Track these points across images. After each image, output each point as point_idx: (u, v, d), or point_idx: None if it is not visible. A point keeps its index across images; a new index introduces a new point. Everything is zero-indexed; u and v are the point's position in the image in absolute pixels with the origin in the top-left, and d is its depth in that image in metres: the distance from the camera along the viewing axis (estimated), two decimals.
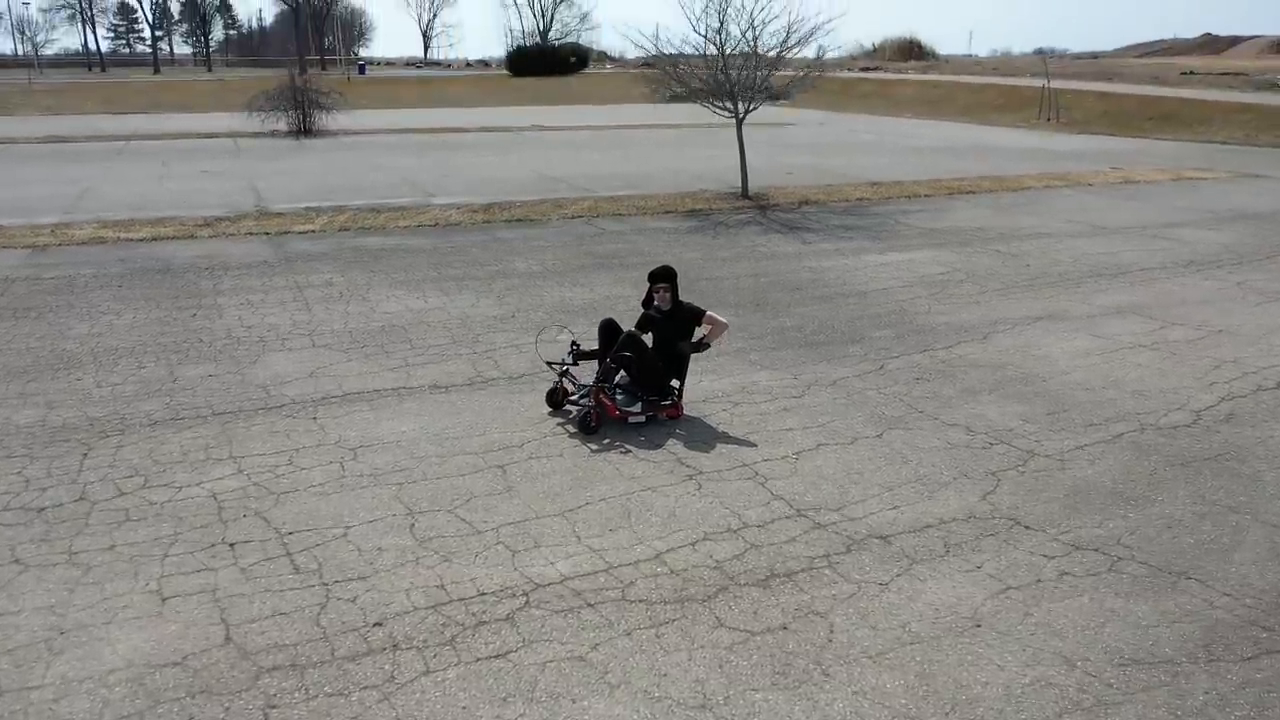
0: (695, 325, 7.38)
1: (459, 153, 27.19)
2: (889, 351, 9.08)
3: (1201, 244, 14.71)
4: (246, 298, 10.71)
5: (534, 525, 5.58)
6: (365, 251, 13.28)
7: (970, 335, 9.64)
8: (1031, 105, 44.41)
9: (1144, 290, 11.70)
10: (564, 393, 7.36)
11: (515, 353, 8.89)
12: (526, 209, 17.01)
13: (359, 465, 6.37)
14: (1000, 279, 12.14)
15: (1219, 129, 36.46)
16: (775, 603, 4.82)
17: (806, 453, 6.69)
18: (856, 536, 5.51)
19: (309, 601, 4.77)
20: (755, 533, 5.54)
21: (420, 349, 8.94)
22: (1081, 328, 9.98)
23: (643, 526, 5.59)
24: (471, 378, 8.18)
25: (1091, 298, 11.28)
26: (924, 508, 5.88)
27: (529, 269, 12.43)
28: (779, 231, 15.55)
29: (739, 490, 6.08)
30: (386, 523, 5.59)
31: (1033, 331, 9.82)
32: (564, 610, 4.72)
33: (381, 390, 7.81)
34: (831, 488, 6.14)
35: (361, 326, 9.62)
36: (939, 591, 4.94)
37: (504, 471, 6.30)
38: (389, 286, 11.30)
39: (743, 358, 8.82)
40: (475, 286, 11.42)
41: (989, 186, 20.91)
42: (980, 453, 6.73)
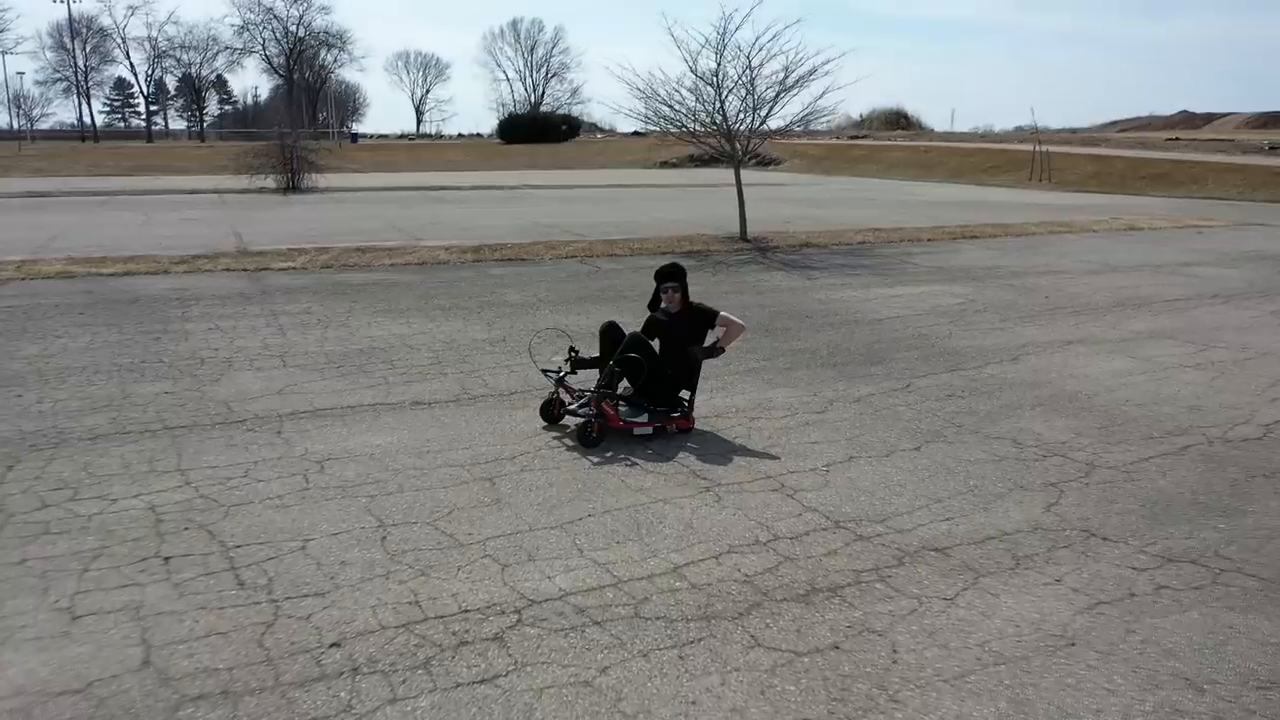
0: (708, 328, 6.63)
1: (448, 205, 26.68)
2: (914, 371, 8.32)
3: (1221, 280, 14.11)
4: (217, 323, 9.92)
5: (527, 538, 4.74)
6: (348, 285, 12.55)
7: (999, 357, 8.90)
8: (1022, 167, 44.45)
9: (1174, 318, 11.03)
10: (560, 405, 6.56)
11: (506, 372, 8.10)
12: (518, 249, 16.35)
13: (325, 478, 5.53)
14: (1020, 309, 11.46)
15: (1212, 187, 36.39)
16: (821, 619, 3.97)
17: (838, 465, 5.88)
18: (908, 549, 4.68)
19: (252, 620, 3.90)
20: (788, 545, 4.70)
21: (402, 368, 8.14)
22: (1117, 350, 9.26)
23: (655, 539, 4.75)
24: (457, 394, 7.38)
25: (1120, 324, 10.59)
26: (981, 519, 5.06)
27: (522, 300, 11.70)
28: (781, 269, 14.91)
29: (765, 502, 5.25)
30: (353, 535, 4.74)
31: (1065, 354, 9.09)
32: (565, 629, 3.87)
33: (356, 406, 6.99)
34: (871, 500, 5.32)
35: (339, 349, 8.82)
36: (1017, 607, 4.10)
37: (493, 484, 5.47)
38: (371, 314, 10.53)
39: (755, 376, 8.05)
40: (463, 314, 10.67)
41: (992, 232, 20.41)
42: (1034, 465, 5.93)
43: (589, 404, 6.26)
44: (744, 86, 17.95)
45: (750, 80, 17.78)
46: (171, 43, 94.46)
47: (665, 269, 6.67)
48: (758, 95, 17.88)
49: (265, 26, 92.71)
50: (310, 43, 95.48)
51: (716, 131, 18.21)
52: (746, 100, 17.99)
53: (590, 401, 6.24)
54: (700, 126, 18.19)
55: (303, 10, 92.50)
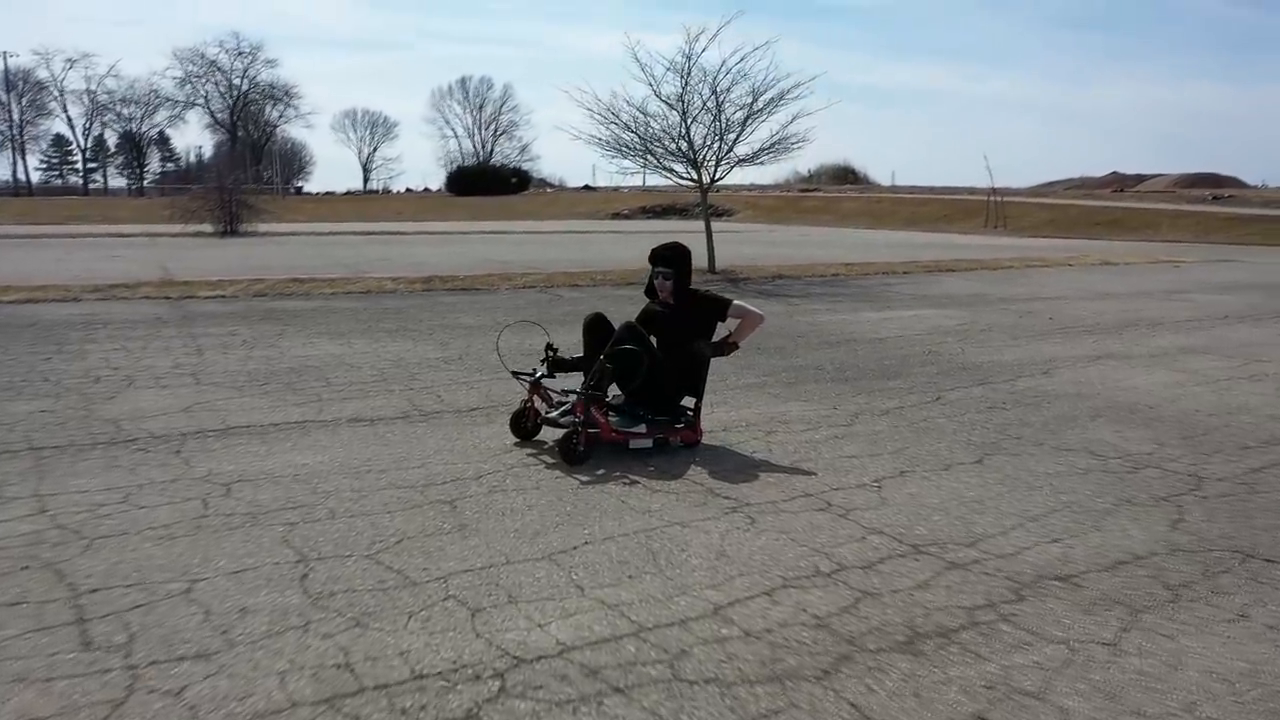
0: (717, 321, 5.44)
1: (396, 246, 25.34)
2: (939, 385, 7.20)
3: (1223, 304, 13.32)
4: (123, 344, 8.50)
5: (505, 572, 3.45)
6: (282, 311, 11.17)
7: (1027, 371, 7.83)
8: (976, 215, 44.44)
9: (1197, 336, 10.10)
10: (535, 415, 5.30)
11: (465, 388, 6.82)
12: (471, 280, 15.09)
13: (231, 502, 4.18)
14: (1027, 329, 10.46)
15: (1166, 231, 36.48)
16: (944, 677, 2.73)
17: (890, 480, 4.67)
18: (1022, 578, 3.46)
19: (94, 697, 2.55)
20: (861, 576, 3.46)
21: (339, 386, 6.81)
22: (1153, 364, 8.24)
23: (680, 571, 3.48)
24: (406, 410, 6.07)
25: (1142, 342, 9.63)
26: (1096, 540, 3.88)
27: (478, 323, 10.42)
28: (759, 297, 13.82)
29: (813, 524, 4.02)
30: (261, 573, 3.40)
31: (1100, 368, 8.05)
32: (571, 700, 2.58)
33: (281, 424, 5.65)
34: (948, 519, 4.11)
35: (265, 368, 7.46)
36: (1210, 653, 2.90)
37: (453, 507, 4.17)
38: (306, 336, 9.18)
39: (758, 390, 6.87)
40: (412, 336, 9.37)
41: (967, 266, 19.65)
42: (1128, 477, 4.79)
43: (573, 410, 5.00)
44: (709, 112, 17.06)
45: (717, 105, 16.89)
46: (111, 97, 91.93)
47: (661, 249, 5.48)
48: (725, 120, 16.98)
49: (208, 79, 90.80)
50: (255, 97, 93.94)
51: (682, 158, 17.23)
52: (713, 126, 17.08)
53: (575, 407, 4.98)
54: (665, 151, 17.19)
55: (247, 63, 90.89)
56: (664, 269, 5.37)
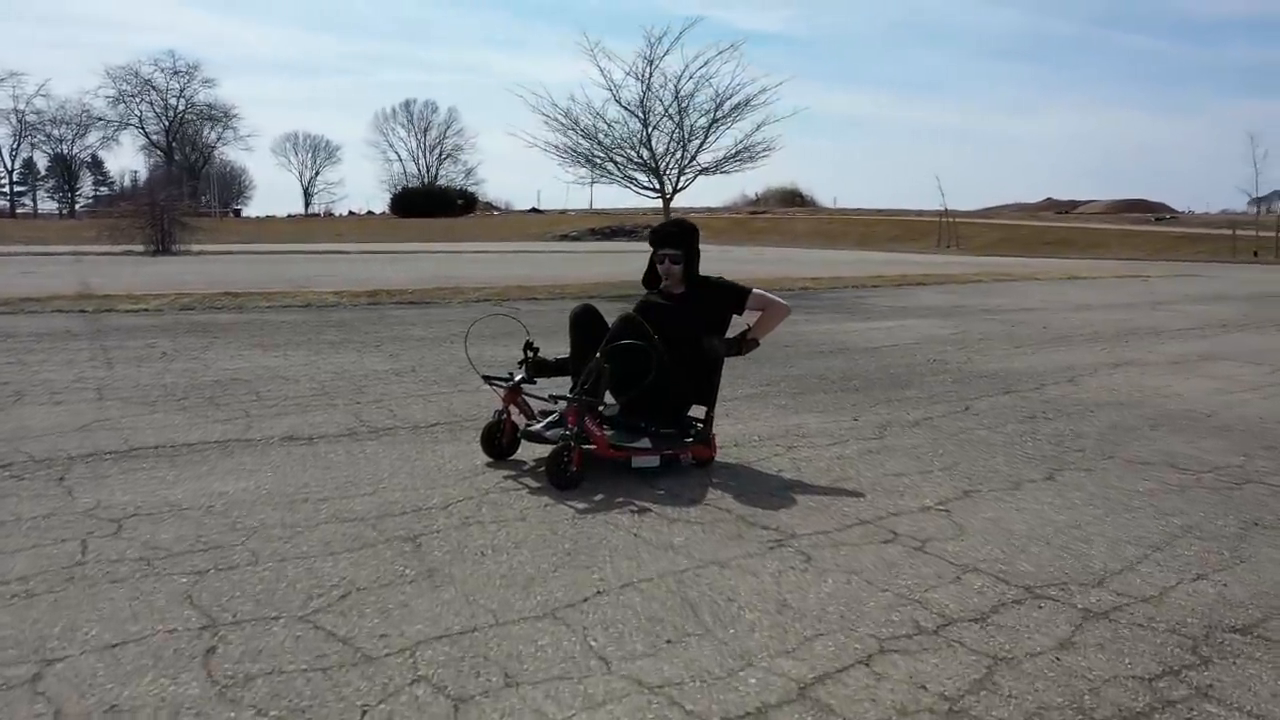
0: (731, 313, 4.53)
1: (340, 263, 24.12)
2: (961, 393, 6.39)
3: (1213, 314, 12.81)
4: (20, 358, 7.34)
5: (495, 639, 2.48)
6: (212, 325, 10.03)
7: (1051, 379, 7.06)
8: (928, 235, 44.43)
9: (1207, 343, 9.48)
10: (513, 429, 4.34)
11: (422, 402, 5.83)
12: (421, 294, 14.04)
13: (120, 544, 3.16)
14: (1024, 338, 9.75)
15: (1116, 249, 36.65)
16: None
17: (957, 502, 3.80)
18: (1189, 631, 2.60)
19: None
20: (979, 633, 2.56)
21: (271, 401, 5.78)
22: (1181, 371, 7.55)
23: (736, 631, 2.56)
24: (352, 427, 5.07)
25: (1155, 349, 8.96)
26: (1251, 575, 3.03)
27: (431, 335, 9.41)
28: None
29: (885, 559, 3.12)
30: (149, 647, 2.40)
31: (1126, 375, 7.32)
32: None
33: (198, 444, 4.61)
34: (1050, 550, 3.24)
35: (184, 382, 6.39)
36: None
37: (417, 546, 3.19)
38: (236, 349, 8.09)
39: (762, 401, 5.98)
40: (357, 347, 8.34)
41: (937, 280, 19.10)
42: (1235, 495, 3.99)
43: (563, 421, 4.05)
44: (671, 119, 16.28)
45: (679, 111, 16.13)
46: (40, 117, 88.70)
47: (666, 226, 4.59)
48: (688, 128, 16.22)
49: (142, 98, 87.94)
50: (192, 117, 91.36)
51: (644, 167, 16.41)
52: (675, 134, 16.30)
53: (566, 416, 4.02)
54: (624, 159, 16.36)
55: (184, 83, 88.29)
56: (670, 250, 4.46)
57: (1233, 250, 32.88)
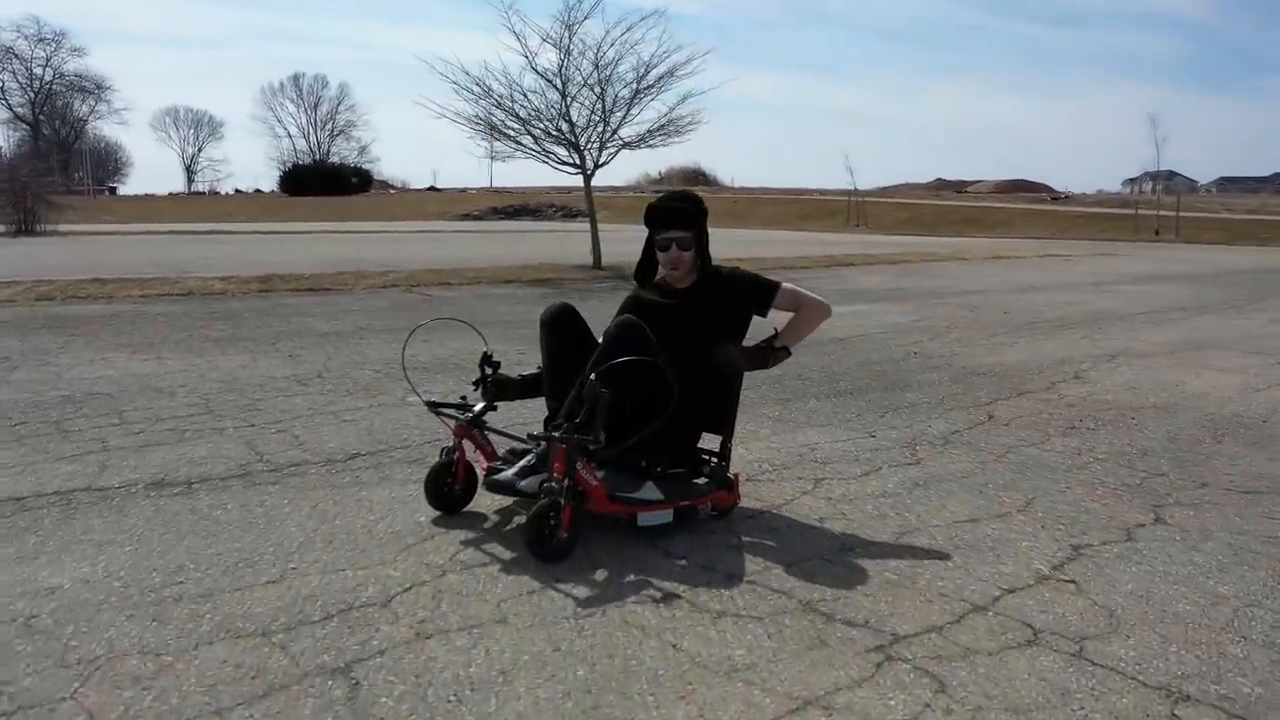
0: (754, 314, 3.49)
1: (226, 245, 22.20)
2: (970, 397, 5.53)
3: (1158, 296, 12.39)
4: None
5: None
6: (72, 318, 8.53)
7: (1056, 376, 6.28)
8: (837, 214, 44.28)
9: (1186, 329, 8.92)
10: (467, 473, 3.23)
11: (334, 422, 4.65)
12: (320, 280, 12.60)
13: None
14: (994, 325, 9.02)
15: (1022, 228, 37.00)
16: None
17: (1075, 566, 2.88)
18: None
19: None
20: None
21: (138, 424, 4.51)
22: (1188, 363, 6.87)
23: None
24: (246, 464, 3.87)
25: (1138, 336, 8.33)
26: None
27: (335, 329, 8.14)
28: None
29: (1050, 681, 2.15)
30: None
31: (1132, 369, 6.60)
32: None
33: (30, 498, 3.37)
34: (1255, 649, 2.32)
35: (27, 398, 5.06)
36: None
37: (352, 687, 2.08)
38: (97, 350, 6.70)
39: (752, 412, 4.98)
40: (249, 346, 7.03)
41: (865, 261, 18.47)
42: None
43: (549, 469, 2.93)
44: (592, 89, 15.13)
45: (599, 81, 14.98)
46: None
47: (669, 202, 3.50)
48: (609, 99, 15.09)
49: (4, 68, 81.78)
50: (60, 89, 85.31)
51: (563, 140, 15.23)
52: (596, 105, 15.15)
53: (553, 461, 2.91)
54: (542, 132, 15.13)
55: (50, 51, 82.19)
56: (678, 232, 3.39)
57: (1134, 229, 33.48)
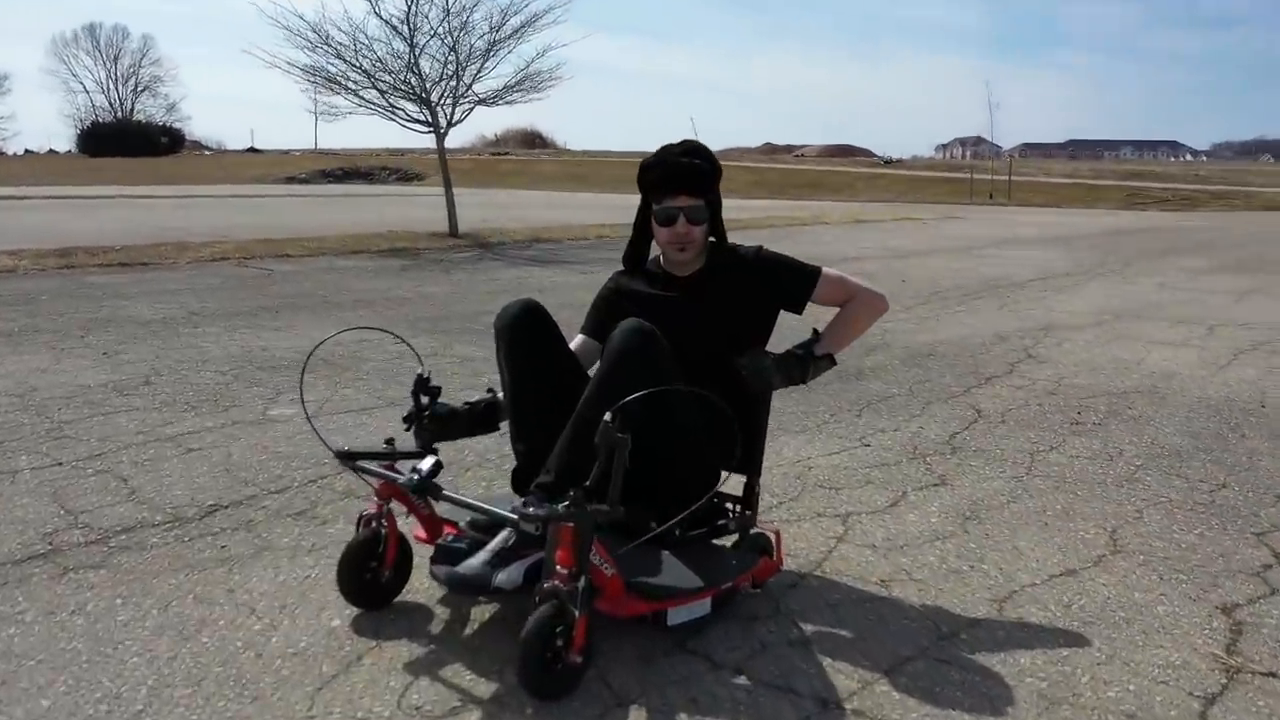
0: (785, 311, 2.58)
1: (16, 213, 19.46)
2: (935, 386, 4.88)
3: (1036, 260, 12.31)
4: None
5: None
6: None
7: (1007, 355, 5.74)
8: None
9: (1090, 296, 8.67)
10: (397, 549, 2.21)
11: (176, 455, 3.48)
12: (132, 253, 10.86)
13: None
14: (904, 297, 8.44)
15: (863, 191, 37.65)
16: None
17: (1250, 644, 2.15)
18: None
19: None
20: None
21: None
22: (1128, 337, 6.50)
23: None
24: (52, 533, 2.70)
25: (1053, 306, 7.99)
26: None
27: (161, 315, 6.74)
28: (539, 265, 10.96)
29: None
30: None
31: (1079, 345, 6.15)
32: None
33: None
34: None
35: None
36: None
37: None
38: None
39: None
40: (50, 340, 5.62)
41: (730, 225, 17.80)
42: None
43: (549, 559, 1.94)
44: (442, 39, 13.78)
45: (451, 30, 13.65)
46: None
47: (675, 158, 2.49)
48: (463, 51, 13.79)
49: None
50: None
51: (412, 95, 13.83)
52: (449, 58, 13.82)
53: (557, 545, 1.91)
54: (389, 86, 13.68)
55: None
56: (687, 199, 2.44)
57: (970, 193, 34.53)
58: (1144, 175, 45.55)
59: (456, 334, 6.21)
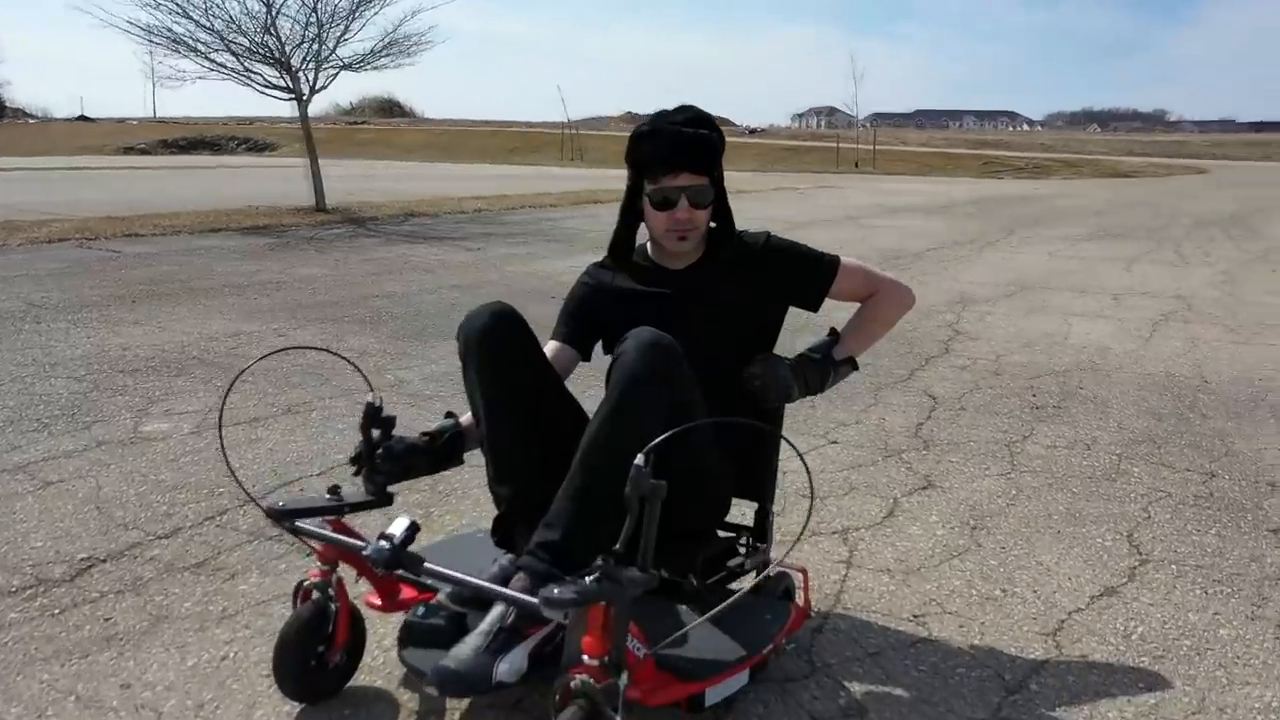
0: (797, 304, 2.19)
1: None
2: (881, 370, 4.63)
3: (926, 230, 12.42)
4: None
5: None
6: None
7: (935, 332, 5.59)
8: (549, 147, 43.18)
9: (988, 267, 8.69)
10: (349, 625, 1.74)
11: (28, 489, 2.86)
12: None
13: None
14: None
15: (735, 161, 37.61)
16: None
17: None
18: None
19: None
20: None
21: None
22: (1038, 307, 6.44)
23: None
24: None
25: (958, 277, 7.94)
26: None
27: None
28: (420, 242, 10.29)
29: None
30: None
31: (999, 320, 6.06)
32: None
33: None
34: None
35: None
36: None
37: None
38: None
39: None
40: None
41: (611, 196, 17.45)
42: None
43: (572, 643, 1.52)
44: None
45: None
46: None
47: (676, 128, 2.01)
48: (324, 12, 12.84)
49: None
50: None
51: (269, 58, 12.80)
52: (310, 19, 12.84)
53: (587, 628, 1.48)
54: (244, 49, 12.62)
55: None
56: (690, 177, 2.00)
57: (837, 162, 35.13)
58: (992, 144, 47.51)
59: (347, 324, 5.62)
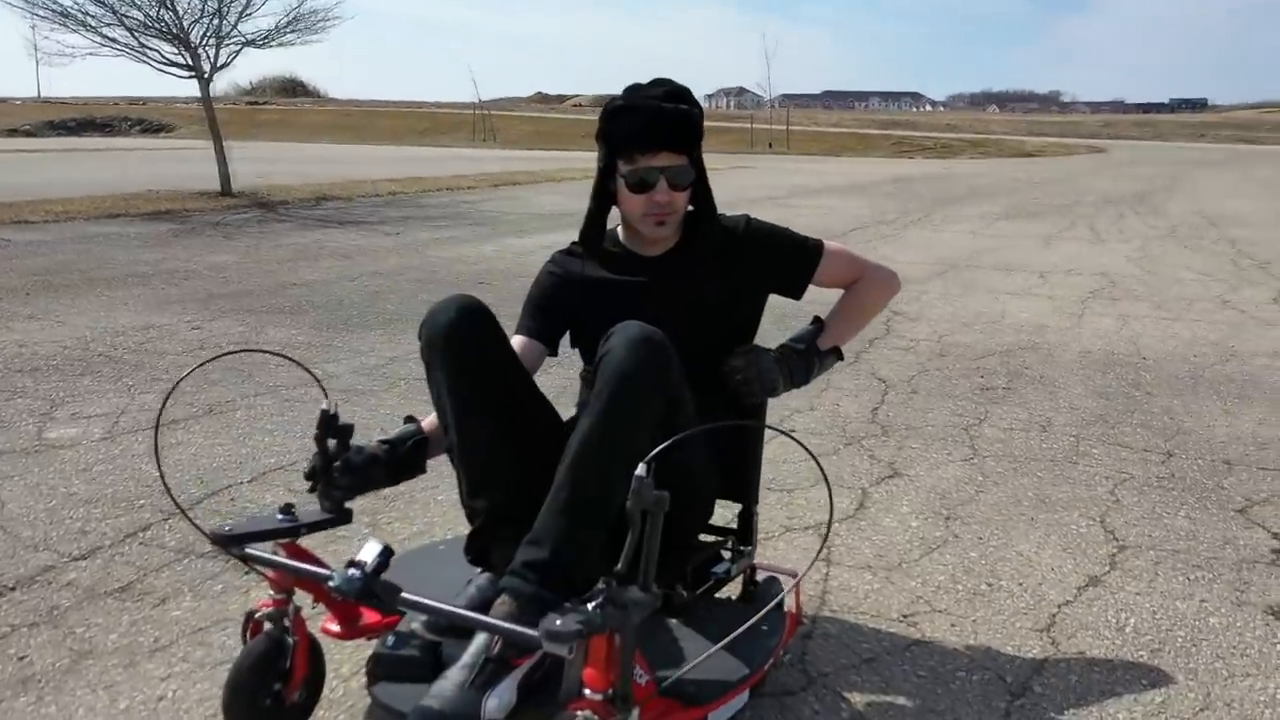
0: (780, 292, 2.05)
1: None
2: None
3: (848, 210, 12.50)
4: None
5: None
6: None
7: None
8: (460, 128, 42.39)
9: (913, 247, 8.73)
10: (307, 659, 1.56)
11: None
12: None
13: None
14: None
15: None
16: None
17: None
18: None
19: None
20: None
21: None
22: (970, 286, 6.49)
23: None
24: None
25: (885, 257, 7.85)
26: None
27: None
28: (335, 227, 9.90)
29: None
30: None
31: (933, 300, 6.04)
32: None
33: None
34: None
35: None
36: None
37: None
38: None
39: None
40: None
41: (527, 179, 17.24)
42: None
43: (570, 675, 1.36)
44: None
45: None
46: None
47: (655, 103, 1.84)
48: None
49: None
50: None
51: (167, 34, 12.16)
52: None
53: (587, 660, 1.33)
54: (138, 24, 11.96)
55: None
56: (670, 156, 1.83)
57: (751, 142, 35.27)
58: (900, 124, 48.35)
59: (266, 314, 5.32)
